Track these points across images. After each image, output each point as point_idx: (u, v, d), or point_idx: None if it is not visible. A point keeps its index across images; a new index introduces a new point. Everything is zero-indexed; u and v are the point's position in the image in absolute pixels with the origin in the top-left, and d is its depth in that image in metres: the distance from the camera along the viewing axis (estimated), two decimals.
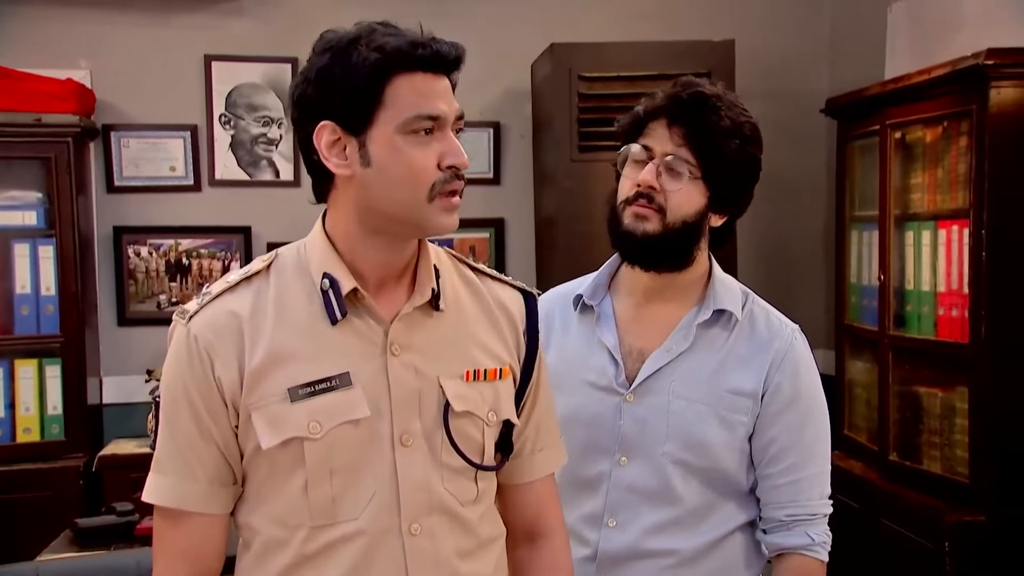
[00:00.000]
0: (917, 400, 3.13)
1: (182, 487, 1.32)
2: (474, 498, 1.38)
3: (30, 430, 3.54)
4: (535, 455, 1.49)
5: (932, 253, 3.02)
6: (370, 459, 1.32)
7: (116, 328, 3.87)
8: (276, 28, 3.92)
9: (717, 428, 1.70)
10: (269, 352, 1.31)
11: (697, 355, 1.72)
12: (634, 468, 1.72)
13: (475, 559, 1.38)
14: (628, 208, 1.70)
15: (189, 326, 1.32)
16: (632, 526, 1.72)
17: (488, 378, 1.39)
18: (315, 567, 1.31)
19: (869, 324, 3.33)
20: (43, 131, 3.49)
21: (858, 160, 3.52)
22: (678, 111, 1.67)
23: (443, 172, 1.29)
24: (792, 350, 1.73)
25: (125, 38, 3.83)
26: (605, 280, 1.82)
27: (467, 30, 3.99)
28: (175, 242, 3.90)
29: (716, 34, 3.67)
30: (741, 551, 1.77)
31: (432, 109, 1.28)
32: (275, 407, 1.30)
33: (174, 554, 1.34)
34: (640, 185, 1.67)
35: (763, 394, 1.71)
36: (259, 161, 3.96)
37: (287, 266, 1.37)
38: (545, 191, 3.85)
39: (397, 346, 1.34)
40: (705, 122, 1.66)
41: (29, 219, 3.55)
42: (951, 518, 2.80)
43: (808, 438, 1.73)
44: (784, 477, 1.72)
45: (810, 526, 1.71)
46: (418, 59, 1.27)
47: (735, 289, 1.78)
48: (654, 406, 1.71)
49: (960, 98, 2.85)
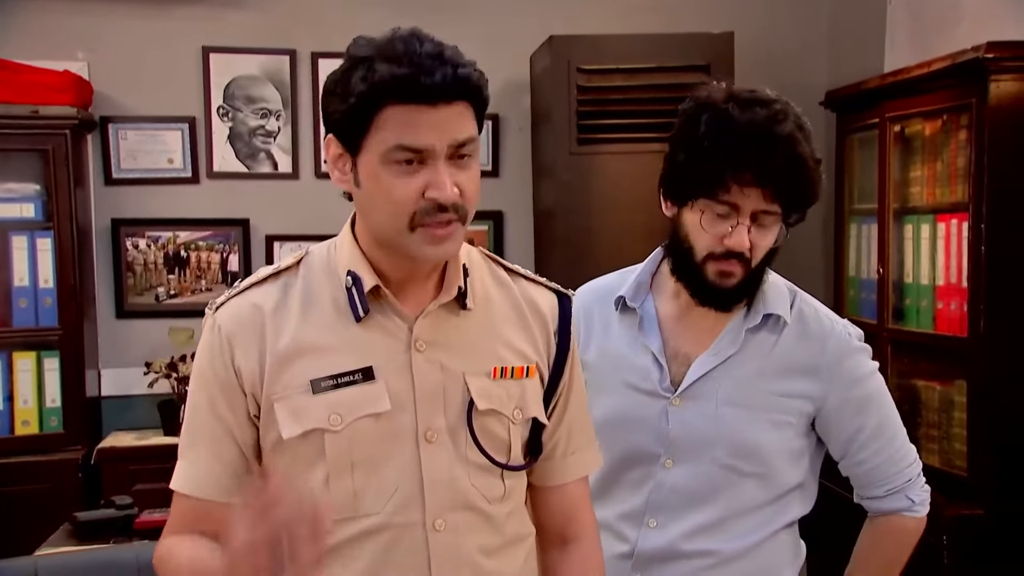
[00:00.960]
0: (915, 394, 3.13)
1: (198, 474, 1.36)
2: (501, 496, 1.39)
3: (28, 423, 3.53)
4: (567, 458, 1.49)
5: (931, 247, 3.02)
6: (392, 454, 1.33)
7: (114, 320, 3.87)
8: (274, 20, 3.90)
9: (768, 432, 1.69)
10: (293, 344, 1.33)
11: (745, 359, 1.70)
12: (680, 471, 1.70)
13: (500, 557, 1.39)
14: (712, 264, 1.63)
15: (215, 316, 1.37)
16: (672, 527, 1.70)
17: (515, 376, 1.39)
18: (339, 560, 1.32)
19: (868, 317, 3.33)
20: (40, 123, 3.48)
21: (857, 153, 3.52)
22: (776, 175, 1.57)
23: (425, 202, 1.26)
24: (849, 348, 1.72)
25: (123, 30, 3.82)
26: (647, 279, 1.78)
27: (466, 22, 4.02)
28: (173, 234, 3.90)
29: (715, 26, 3.66)
30: (783, 551, 1.76)
31: (412, 141, 1.25)
32: (297, 398, 1.32)
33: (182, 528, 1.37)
34: (733, 247, 1.60)
35: (827, 396, 1.70)
36: (257, 153, 3.95)
37: (316, 263, 1.40)
38: (544, 184, 3.85)
39: (422, 342, 1.35)
40: (797, 181, 1.59)
41: (27, 211, 3.54)
42: (949, 512, 2.80)
43: (884, 423, 1.76)
44: (873, 461, 1.75)
45: (909, 489, 1.76)
46: (404, 91, 1.24)
47: (782, 288, 1.75)
48: (702, 411, 1.69)
49: (959, 91, 2.84)
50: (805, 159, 1.58)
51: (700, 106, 1.63)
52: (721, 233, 1.61)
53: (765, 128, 1.56)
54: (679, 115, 1.66)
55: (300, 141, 3.96)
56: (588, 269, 1.94)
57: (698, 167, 1.60)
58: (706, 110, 1.61)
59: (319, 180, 3.95)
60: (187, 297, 3.89)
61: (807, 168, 1.59)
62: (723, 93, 1.63)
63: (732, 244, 1.60)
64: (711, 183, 1.58)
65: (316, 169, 3.95)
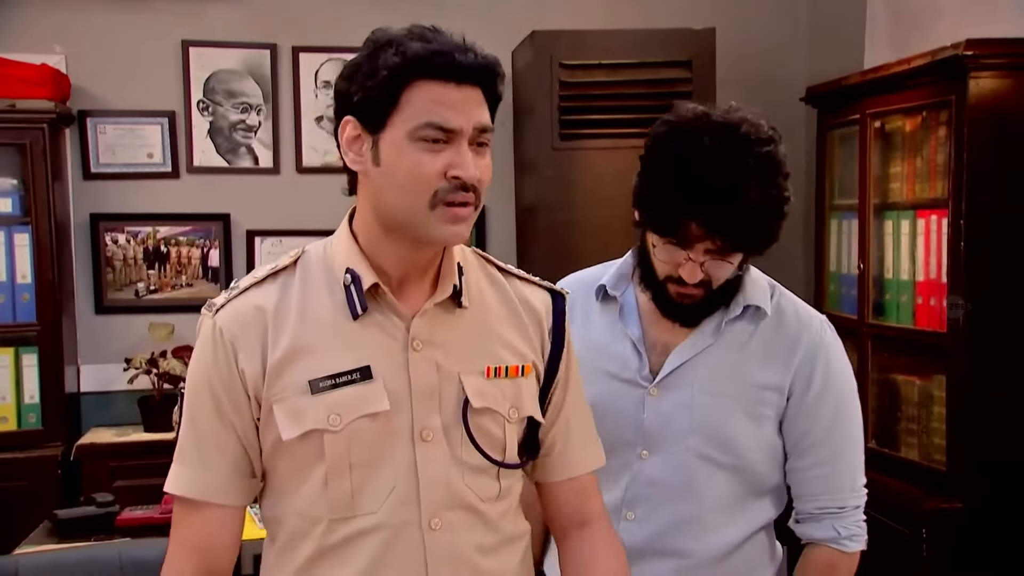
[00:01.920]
0: (895, 388, 3.16)
1: (202, 478, 1.34)
2: (496, 495, 1.39)
3: (7, 419, 3.51)
4: (567, 453, 1.50)
5: (911, 242, 3.04)
6: (389, 453, 1.33)
7: (93, 316, 3.84)
8: (255, 14, 3.88)
9: (744, 423, 1.68)
10: (291, 345, 1.32)
11: (723, 349, 1.70)
12: (656, 461, 1.70)
13: (497, 556, 1.39)
14: (672, 286, 1.65)
15: (216, 319, 1.35)
16: (651, 520, 1.71)
17: (510, 375, 1.40)
18: (336, 559, 1.33)
19: (848, 313, 3.35)
20: (18, 117, 3.45)
21: (837, 149, 3.53)
22: (719, 228, 1.55)
23: (447, 182, 1.28)
24: (822, 343, 1.71)
25: (101, 23, 3.78)
26: (629, 270, 1.79)
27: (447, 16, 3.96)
28: (153, 229, 3.87)
29: (697, 22, 3.67)
30: (760, 553, 1.77)
31: (443, 120, 1.27)
32: (296, 399, 1.32)
33: (187, 544, 1.36)
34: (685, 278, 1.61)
35: (792, 388, 1.69)
36: (238, 148, 3.93)
37: (313, 262, 1.39)
38: (526, 179, 3.84)
39: (419, 341, 1.35)
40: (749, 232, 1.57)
41: (4, 206, 3.51)
42: (928, 505, 2.83)
43: (840, 430, 1.71)
44: (815, 470, 1.70)
45: (838, 519, 1.70)
46: (437, 67, 1.26)
47: (762, 282, 1.75)
48: (678, 400, 1.69)
49: (939, 88, 2.86)
50: (752, 213, 1.54)
51: (663, 136, 1.61)
52: (675, 262, 1.62)
53: (712, 180, 1.53)
54: (649, 137, 1.65)
55: (281, 136, 3.94)
56: (570, 264, 1.94)
57: (653, 204, 1.60)
58: (667, 143, 1.59)
59: (300, 175, 3.93)
60: (167, 292, 3.87)
61: (755, 221, 1.56)
62: (691, 122, 1.60)
63: (684, 275, 1.61)
64: (662, 225, 1.60)
65: (297, 164, 3.93)
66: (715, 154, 1.53)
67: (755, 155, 1.55)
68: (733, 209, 1.53)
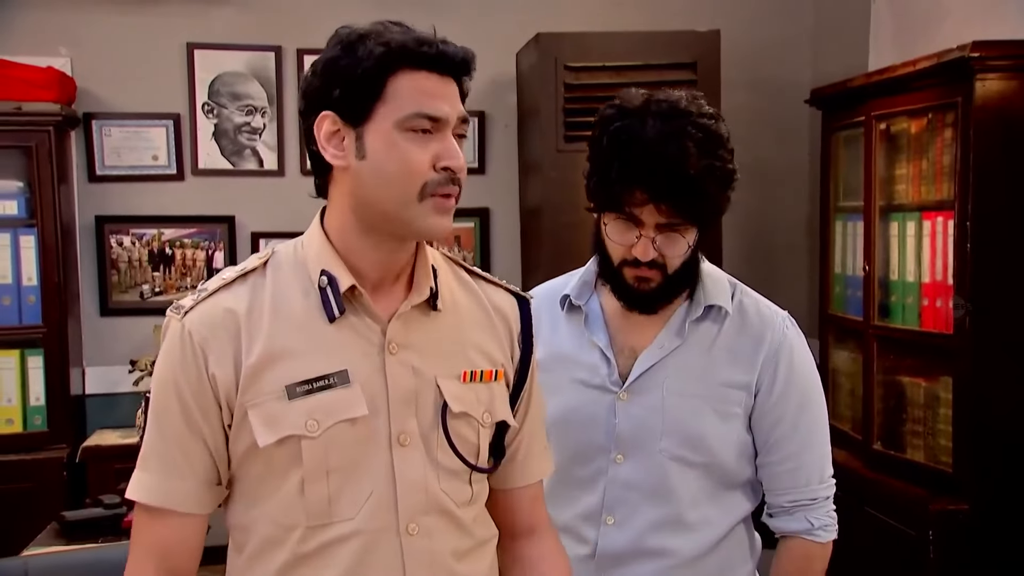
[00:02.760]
0: (901, 390, 3.15)
1: (167, 485, 1.31)
2: (468, 499, 1.38)
3: (12, 421, 3.51)
4: (528, 460, 1.49)
5: (917, 244, 3.03)
6: (367, 458, 1.30)
7: (99, 318, 3.85)
8: (259, 16, 3.89)
9: (713, 421, 1.70)
10: (266, 349, 1.29)
11: (689, 350, 1.72)
12: (630, 465, 1.71)
13: (471, 560, 1.38)
14: (628, 269, 1.67)
15: (184, 321, 1.31)
16: (631, 523, 1.72)
17: (484, 379, 1.38)
18: (312, 567, 1.30)
19: (853, 314, 3.35)
20: (24, 120, 3.45)
21: (842, 151, 3.53)
22: (663, 194, 1.59)
23: (437, 173, 1.27)
24: (785, 339, 1.74)
25: (107, 25, 3.79)
26: (591, 279, 1.80)
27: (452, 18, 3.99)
28: (158, 232, 3.88)
29: (702, 24, 3.67)
30: (740, 546, 1.79)
31: (432, 109, 1.26)
32: (272, 404, 1.28)
33: (147, 551, 1.32)
34: (639, 256, 1.63)
35: (758, 385, 1.72)
36: (243, 150, 3.93)
37: (283, 263, 1.36)
38: (530, 181, 3.85)
39: (395, 344, 1.33)
40: (693, 197, 1.60)
41: (10, 208, 3.51)
42: (935, 507, 2.83)
43: (806, 424, 1.74)
44: (784, 464, 1.74)
45: (810, 511, 1.74)
46: (423, 57, 1.26)
47: (723, 281, 1.78)
48: (648, 403, 1.71)
49: (945, 90, 2.86)
50: (694, 177, 1.58)
51: (606, 119, 1.66)
52: (628, 243, 1.64)
53: (653, 147, 1.58)
54: (596, 120, 1.69)
55: (286, 138, 3.95)
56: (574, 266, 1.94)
57: (599, 182, 1.64)
58: (612, 122, 1.64)
59: (305, 177, 3.93)
60: (172, 295, 3.87)
61: (698, 185, 1.58)
62: (636, 103, 1.64)
63: (637, 254, 1.63)
64: (610, 198, 1.63)
65: (302, 166, 3.94)
66: (657, 125, 1.59)
67: (696, 125, 1.60)
68: (676, 173, 1.57)
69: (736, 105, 3.88)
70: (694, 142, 1.59)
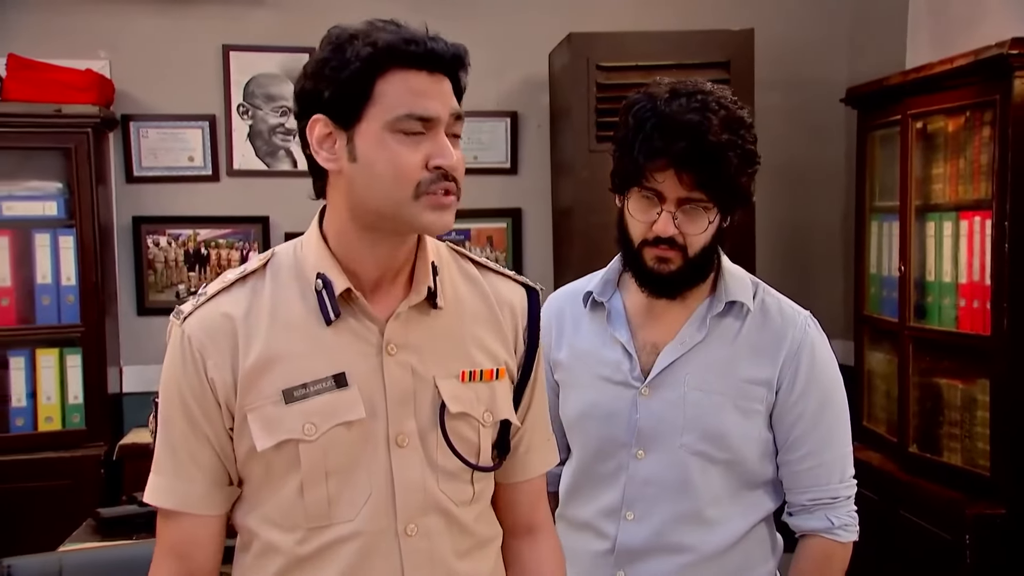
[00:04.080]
0: (937, 392, 3.11)
1: (179, 488, 1.32)
2: (470, 499, 1.38)
3: (52, 419, 3.56)
4: (529, 454, 1.48)
5: (953, 244, 2.99)
6: (365, 460, 1.30)
7: (135, 318, 3.89)
8: (294, 18, 3.92)
9: (735, 417, 1.70)
10: (263, 353, 1.29)
11: (711, 346, 1.73)
12: (651, 461, 1.72)
13: (472, 559, 1.38)
14: (648, 249, 1.67)
15: (184, 327, 1.32)
16: (650, 519, 1.72)
17: (484, 378, 1.37)
18: (312, 569, 1.31)
19: (889, 315, 3.32)
20: (63, 122, 3.50)
21: (878, 150, 3.49)
22: (685, 160, 1.61)
23: (430, 172, 1.26)
24: (807, 337, 1.74)
25: (144, 28, 3.84)
26: (614, 276, 1.82)
27: (485, 19, 4.02)
28: (193, 232, 3.92)
29: (735, 23, 3.65)
30: (761, 545, 1.78)
31: (422, 109, 1.25)
32: (269, 408, 1.29)
33: (167, 553, 1.34)
34: (659, 232, 1.64)
35: (779, 383, 1.72)
36: (277, 151, 3.96)
37: (283, 266, 1.35)
38: (562, 181, 3.84)
39: (393, 345, 1.32)
40: (717, 169, 1.61)
41: (50, 209, 3.56)
42: (971, 511, 2.79)
43: (827, 423, 1.74)
44: (805, 463, 1.73)
45: (831, 509, 1.73)
46: (411, 55, 1.24)
47: (744, 279, 1.78)
48: (670, 398, 1.71)
49: (983, 88, 2.82)
50: (716, 145, 1.60)
51: (632, 102, 1.68)
52: (650, 220, 1.65)
53: (677, 117, 1.61)
54: (621, 108, 1.72)
55: None
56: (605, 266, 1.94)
57: (623, 158, 1.67)
58: (636, 104, 1.67)
59: None
60: None
61: (719, 154, 1.60)
62: (661, 88, 1.67)
63: (658, 230, 1.64)
64: (633, 171, 1.65)
65: None
66: (681, 101, 1.63)
67: (719, 103, 1.63)
68: (698, 140, 1.59)
69: (770, 105, 3.85)
70: (717, 117, 1.61)
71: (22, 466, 3.42)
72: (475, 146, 3.99)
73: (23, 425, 3.54)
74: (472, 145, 3.98)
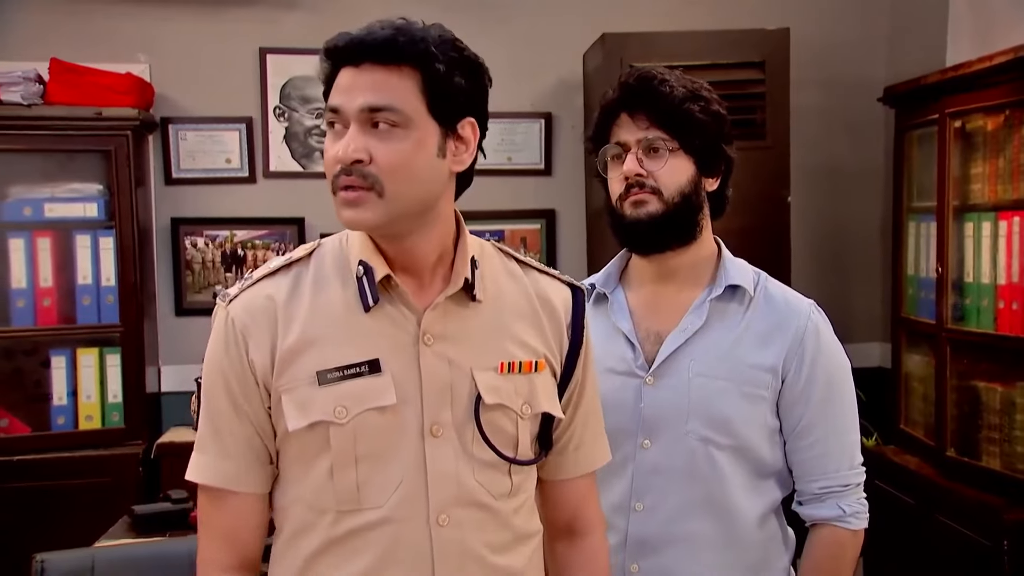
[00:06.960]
0: (976, 395, 3.07)
1: (221, 465, 1.35)
2: (508, 491, 1.38)
3: (92, 417, 3.62)
4: (579, 452, 1.49)
5: (992, 245, 2.95)
6: (397, 448, 1.32)
7: (174, 318, 3.94)
8: (329, 20, 3.92)
9: (739, 403, 1.71)
10: (301, 336, 1.33)
11: (714, 332, 1.74)
12: (657, 450, 1.73)
13: (508, 553, 1.38)
14: (624, 200, 1.72)
15: (228, 309, 1.36)
16: (660, 509, 1.73)
17: (523, 371, 1.38)
18: (343, 552, 1.33)
19: (926, 317, 3.27)
20: (103, 124, 3.55)
21: (916, 150, 3.45)
22: (633, 99, 1.71)
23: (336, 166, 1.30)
24: (811, 323, 1.75)
25: (182, 32, 3.89)
26: (616, 271, 1.85)
27: (518, 20, 4.02)
28: (231, 233, 3.96)
29: (770, 22, 3.62)
30: (773, 538, 1.78)
31: (332, 102, 1.31)
32: (303, 390, 1.32)
33: (214, 534, 1.37)
34: (628, 177, 1.70)
35: (785, 370, 1.73)
36: (312, 153, 3.99)
37: (327, 254, 1.39)
38: (596, 182, 3.83)
39: (430, 336, 1.34)
40: (662, 99, 1.70)
41: (90, 211, 3.62)
42: (1010, 516, 2.74)
43: (834, 411, 1.75)
44: (813, 450, 1.74)
45: (841, 497, 1.74)
46: (335, 53, 1.31)
47: (745, 267, 1.80)
48: (674, 386, 1.73)
49: (1023, 86, 2.78)
50: (664, 81, 1.71)
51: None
52: (621, 173, 1.73)
53: (636, 71, 1.76)
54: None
55: None
56: None
57: (593, 131, 1.79)
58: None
59: None
60: None
61: (668, 88, 1.70)
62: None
63: (625, 170, 1.71)
64: (600, 132, 1.76)
65: None
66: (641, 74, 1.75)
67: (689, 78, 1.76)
68: (653, 85, 1.71)
69: (807, 104, 3.82)
70: (680, 81, 1.73)
71: (63, 463, 3.47)
72: (509, 147, 4.00)
73: (64, 423, 3.60)
74: (506, 146, 3.99)
